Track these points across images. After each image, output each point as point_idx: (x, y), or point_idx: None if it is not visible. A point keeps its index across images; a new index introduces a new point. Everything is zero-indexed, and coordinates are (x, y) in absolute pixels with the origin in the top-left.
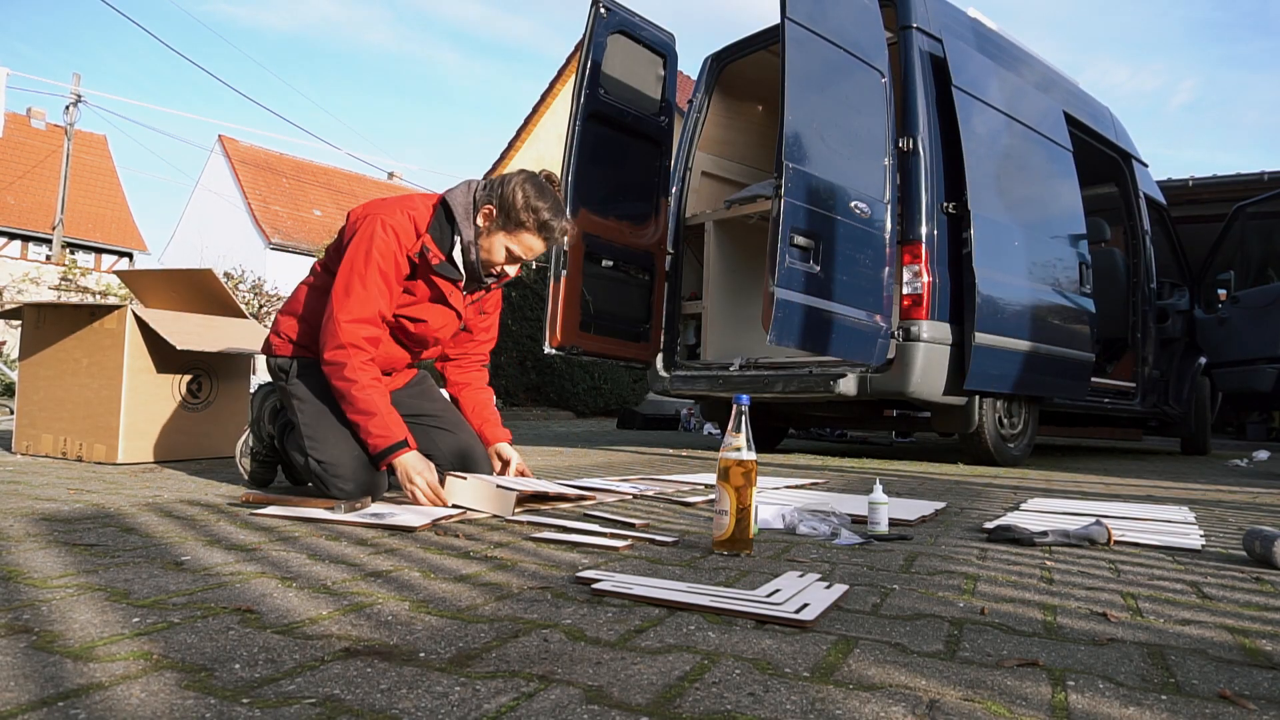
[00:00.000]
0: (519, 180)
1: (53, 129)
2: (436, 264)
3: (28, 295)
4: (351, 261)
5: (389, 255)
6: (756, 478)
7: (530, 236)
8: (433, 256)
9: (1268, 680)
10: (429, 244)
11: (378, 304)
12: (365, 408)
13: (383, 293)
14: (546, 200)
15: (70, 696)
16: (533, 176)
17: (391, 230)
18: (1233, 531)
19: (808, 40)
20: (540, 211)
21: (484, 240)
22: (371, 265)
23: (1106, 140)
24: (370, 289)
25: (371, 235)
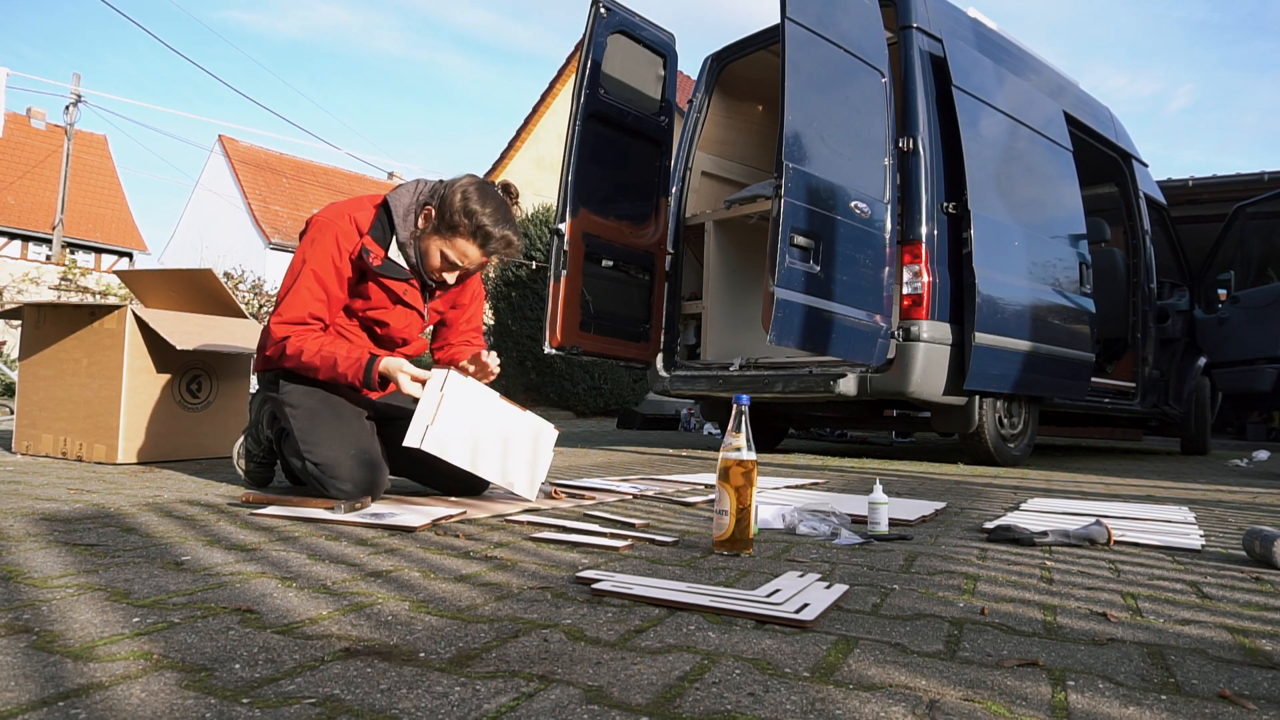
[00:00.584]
0: (464, 183)
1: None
2: (377, 265)
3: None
4: (290, 266)
5: (325, 259)
6: (756, 478)
7: (465, 243)
8: (373, 258)
9: (1268, 680)
10: (369, 245)
11: (308, 307)
12: (324, 361)
13: (316, 296)
14: (489, 205)
15: (70, 696)
16: (481, 182)
17: (331, 234)
18: (1233, 531)
19: (808, 40)
20: (477, 216)
21: (422, 242)
22: (305, 270)
23: (1106, 140)
24: (301, 293)
25: (311, 241)
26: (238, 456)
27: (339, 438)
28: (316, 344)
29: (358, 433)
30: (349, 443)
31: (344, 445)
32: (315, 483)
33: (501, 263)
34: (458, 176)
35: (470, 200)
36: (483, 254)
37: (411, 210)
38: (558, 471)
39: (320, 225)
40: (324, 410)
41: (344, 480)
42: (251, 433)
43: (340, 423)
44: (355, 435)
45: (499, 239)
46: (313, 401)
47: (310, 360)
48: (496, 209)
